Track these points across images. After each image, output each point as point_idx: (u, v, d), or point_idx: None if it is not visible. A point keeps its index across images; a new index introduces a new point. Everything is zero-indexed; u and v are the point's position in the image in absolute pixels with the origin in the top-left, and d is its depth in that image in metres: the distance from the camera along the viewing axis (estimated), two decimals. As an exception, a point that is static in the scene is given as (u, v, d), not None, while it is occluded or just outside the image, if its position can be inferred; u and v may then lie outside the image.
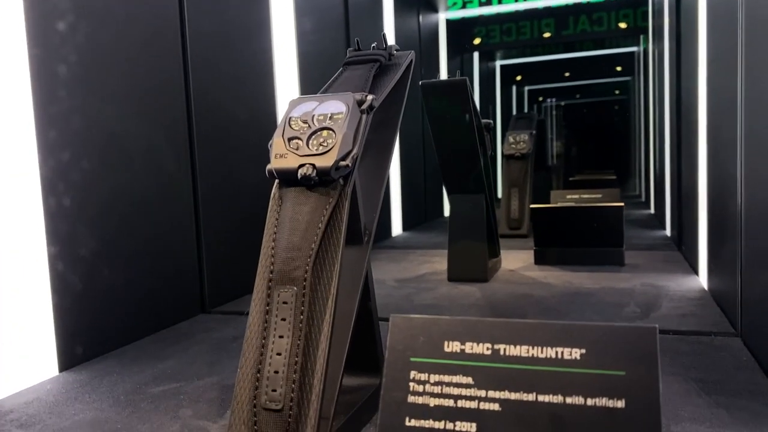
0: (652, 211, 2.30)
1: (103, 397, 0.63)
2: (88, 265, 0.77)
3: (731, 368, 0.63)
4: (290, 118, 0.53)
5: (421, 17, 2.23)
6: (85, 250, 0.76)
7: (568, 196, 1.60)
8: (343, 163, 0.49)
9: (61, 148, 0.73)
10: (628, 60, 3.67)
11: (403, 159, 1.99)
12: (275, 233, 0.50)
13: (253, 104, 1.14)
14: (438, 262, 1.33)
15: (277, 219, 0.51)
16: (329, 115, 0.52)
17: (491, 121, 1.15)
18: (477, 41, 2.82)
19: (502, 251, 1.27)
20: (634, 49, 3.43)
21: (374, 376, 0.60)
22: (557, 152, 2.97)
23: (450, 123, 1.03)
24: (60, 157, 0.73)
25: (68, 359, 0.73)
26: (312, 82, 1.30)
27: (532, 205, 1.26)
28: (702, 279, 1.04)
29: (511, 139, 1.75)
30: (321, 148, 0.50)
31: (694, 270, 1.12)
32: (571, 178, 2.54)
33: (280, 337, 0.47)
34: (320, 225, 0.49)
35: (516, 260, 1.31)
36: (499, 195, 2.26)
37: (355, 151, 0.50)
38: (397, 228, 1.91)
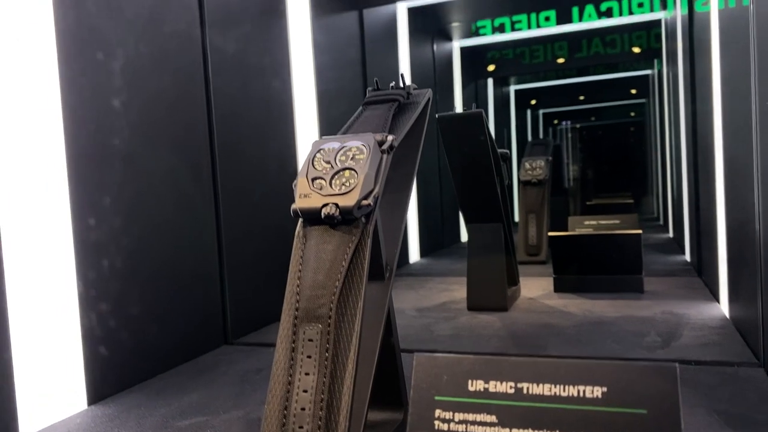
0: (671, 234, 2.29)
1: (132, 432, 0.64)
2: (116, 300, 0.79)
3: (756, 400, 0.63)
4: (313, 158, 0.55)
5: (435, 46, 2.27)
6: (112, 284, 0.78)
7: (586, 222, 1.61)
8: (365, 202, 0.51)
9: (93, 190, 0.76)
10: (642, 83, 3.67)
11: (420, 186, 2.00)
12: (300, 271, 0.52)
13: (273, 142, 1.16)
14: (457, 290, 1.33)
15: (301, 257, 0.52)
16: (351, 156, 0.54)
17: (507, 151, 1.16)
18: (491, 68, 2.85)
19: (521, 278, 1.27)
20: (648, 72, 3.44)
21: (397, 410, 0.61)
22: (573, 176, 2.97)
23: (467, 154, 1.04)
24: (90, 196, 0.75)
25: (97, 393, 0.75)
26: (331, 120, 1.33)
27: (551, 233, 1.26)
28: (723, 307, 1.04)
29: (527, 165, 1.76)
30: (344, 188, 0.52)
31: (715, 297, 1.11)
32: (588, 203, 2.53)
33: (306, 374, 0.48)
34: (344, 263, 0.50)
35: (535, 288, 1.31)
36: (516, 219, 2.27)
37: (376, 190, 0.52)
38: (414, 255, 1.92)
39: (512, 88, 3.70)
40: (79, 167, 0.74)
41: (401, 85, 0.67)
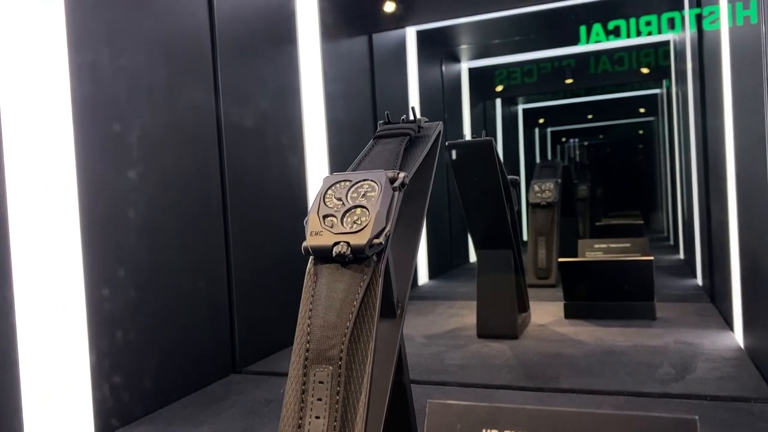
0: (682, 256, 2.27)
1: (140, 468, 0.63)
2: (125, 329, 0.78)
3: (773, 440, 0.62)
4: (324, 194, 0.55)
5: (444, 68, 2.27)
6: (122, 313, 0.78)
7: (596, 246, 1.60)
8: (376, 241, 0.50)
9: (101, 220, 0.76)
10: (651, 101, 3.67)
11: (428, 207, 2.00)
12: (311, 310, 0.51)
13: (283, 169, 1.16)
14: (466, 315, 1.32)
15: (312, 296, 0.52)
16: (363, 193, 0.54)
17: (517, 177, 1.16)
18: (499, 88, 2.86)
19: (531, 302, 1.26)
20: (657, 91, 3.43)
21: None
22: (582, 195, 2.95)
23: (477, 182, 1.04)
24: (99, 224, 0.76)
25: (104, 426, 0.74)
26: (340, 150, 1.33)
27: (561, 259, 1.26)
28: (738, 336, 1.02)
29: (536, 188, 1.76)
30: (355, 226, 0.51)
31: (729, 325, 1.10)
32: (597, 223, 2.52)
33: (317, 417, 0.48)
34: (355, 303, 0.50)
35: (545, 314, 1.30)
36: (525, 238, 2.26)
37: (388, 228, 0.51)
38: (423, 277, 1.91)
39: (520, 107, 3.70)
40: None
41: (412, 117, 0.67)
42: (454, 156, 1.03)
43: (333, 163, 1.30)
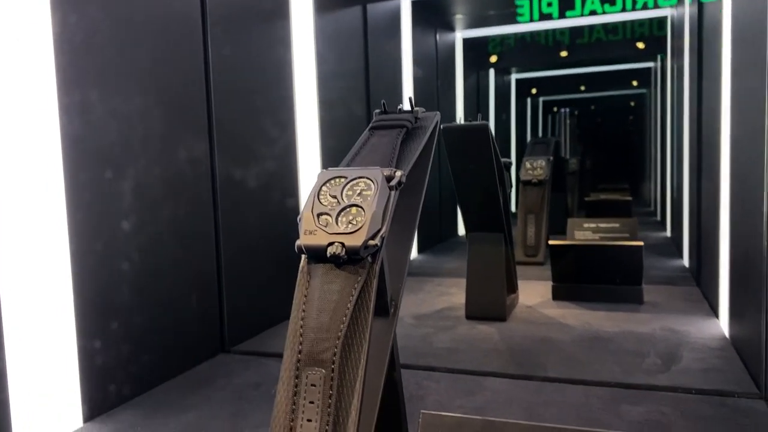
0: (669, 234, 2.29)
1: (129, 456, 0.63)
2: (113, 311, 0.78)
3: (756, 439, 0.63)
4: (319, 191, 0.54)
5: (438, 37, 2.23)
6: (109, 292, 0.77)
7: (586, 225, 1.60)
8: (371, 242, 0.50)
9: (89, 203, 0.74)
10: (644, 74, 3.65)
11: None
12: (304, 311, 0.51)
13: (274, 146, 1.14)
14: (455, 294, 1.33)
15: (305, 296, 0.51)
16: (358, 191, 0.53)
17: (510, 160, 1.15)
18: (493, 59, 2.82)
19: (519, 281, 1.26)
20: (650, 64, 3.41)
21: (398, 444, 0.60)
22: (572, 169, 2.95)
23: (470, 165, 1.03)
24: (87, 206, 0.74)
25: (93, 408, 0.74)
26: (332, 125, 1.31)
27: (551, 242, 1.26)
28: (723, 323, 1.03)
29: (528, 165, 1.75)
30: (350, 226, 0.50)
31: (714, 311, 1.11)
32: (587, 198, 2.52)
33: (309, 420, 0.47)
34: (348, 305, 0.49)
35: (533, 294, 1.31)
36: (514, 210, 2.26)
37: (383, 230, 0.50)
38: (413, 251, 1.91)
39: (513, 77, 3.67)
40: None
41: (408, 107, 0.65)
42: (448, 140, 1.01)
43: (324, 135, 1.29)
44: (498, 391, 0.78)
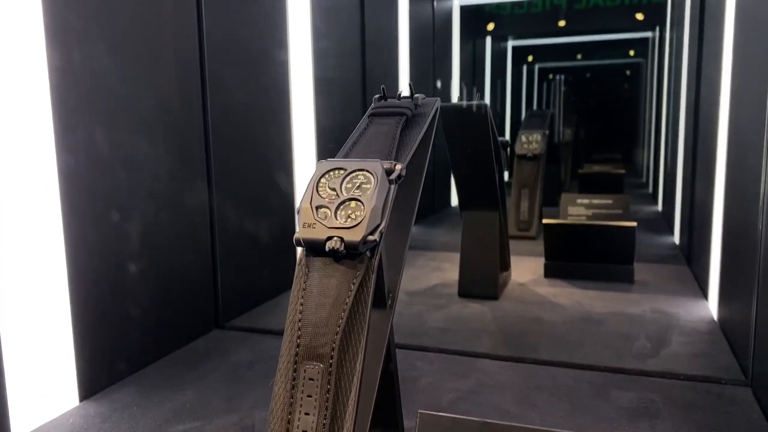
0: (660, 208, 2.30)
1: (126, 438, 0.64)
2: (107, 288, 0.77)
3: (741, 430, 0.64)
4: (318, 183, 0.53)
5: (435, 3, 2.20)
6: (102, 268, 0.77)
7: (579, 201, 1.60)
8: (371, 237, 0.49)
9: (81, 175, 0.73)
10: (642, 44, 3.62)
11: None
12: (302, 304, 0.51)
13: (268, 117, 1.13)
14: (448, 270, 1.33)
15: (303, 289, 0.51)
16: (358, 185, 0.52)
17: (507, 140, 1.14)
18: (490, 27, 2.78)
19: (511, 256, 1.27)
20: (648, 34, 3.38)
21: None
22: (566, 140, 2.95)
23: (467, 145, 1.02)
24: (79, 185, 0.73)
25: (88, 387, 0.74)
26: (328, 92, 1.29)
27: (545, 220, 1.26)
28: (712, 305, 1.05)
29: (523, 139, 1.74)
30: (349, 220, 0.50)
31: (704, 293, 1.13)
32: (580, 171, 2.53)
33: (306, 414, 0.48)
34: (347, 300, 0.49)
35: (525, 271, 1.32)
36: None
37: (383, 225, 0.50)
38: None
39: (509, 44, 3.63)
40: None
41: (408, 93, 0.64)
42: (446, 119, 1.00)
43: (319, 108, 1.27)
44: (490, 374, 0.79)
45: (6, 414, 0.65)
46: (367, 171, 0.53)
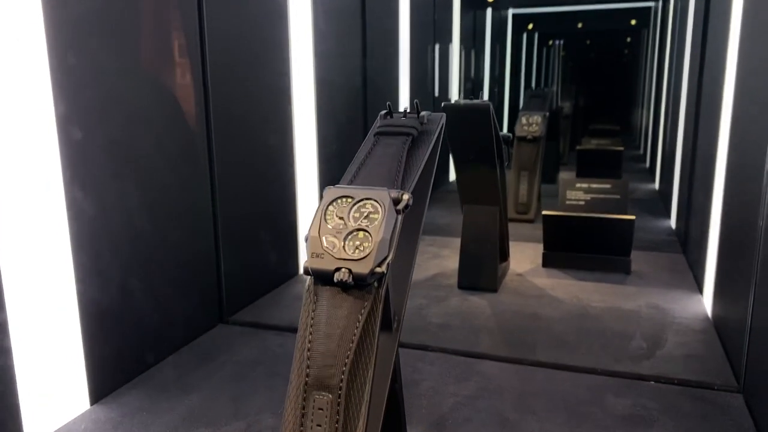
0: (657, 186, 2.31)
1: (137, 446, 0.66)
2: (112, 283, 0.78)
3: (733, 441, 0.67)
4: (326, 211, 0.54)
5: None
6: (107, 267, 0.78)
7: (578, 185, 1.61)
8: (378, 270, 0.51)
9: (85, 174, 0.74)
10: (644, 14, 3.57)
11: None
12: (311, 333, 0.52)
13: (265, 87, 1.12)
14: (447, 257, 1.35)
15: (312, 318, 0.52)
16: (366, 214, 0.53)
17: (509, 135, 1.14)
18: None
19: (510, 241, 1.28)
20: (651, 3, 3.33)
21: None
22: (565, 113, 2.94)
23: (469, 143, 1.02)
24: (82, 184, 0.73)
25: (98, 390, 0.76)
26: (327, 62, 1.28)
27: (544, 212, 1.27)
28: (707, 301, 1.06)
29: (524, 120, 1.74)
30: (357, 252, 0.51)
31: (699, 287, 1.14)
32: (578, 147, 2.52)
33: (316, 441, 0.50)
34: (355, 332, 0.51)
35: (524, 259, 1.33)
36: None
37: (390, 257, 0.51)
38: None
39: (510, 12, 3.58)
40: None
41: (414, 111, 0.64)
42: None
43: (320, 103, 1.26)
44: (490, 377, 0.81)
45: (19, 421, 0.66)
46: (375, 201, 0.53)
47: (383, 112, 0.64)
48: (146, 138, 0.83)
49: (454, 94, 2.58)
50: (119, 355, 0.80)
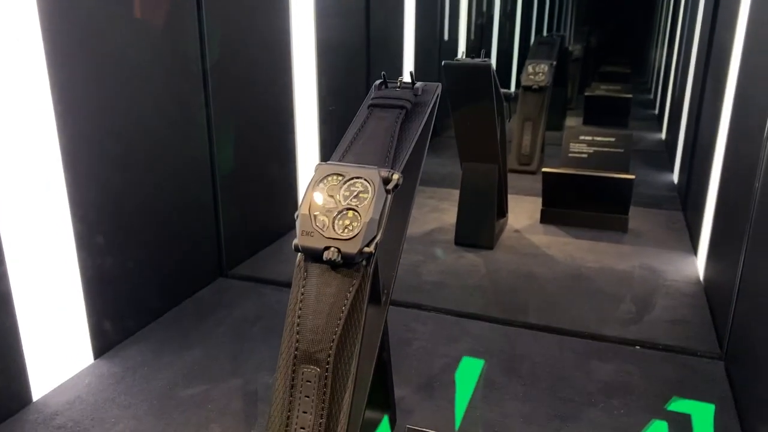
0: (663, 136, 2.28)
1: (138, 401, 0.69)
2: (111, 238, 0.80)
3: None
4: (316, 188, 0.55)
5: None
6: (106, 221, 0.79)
7: (581, 138, 1.59)
8: (367, 249, 0.52)
9: (81, 128, 0.74)
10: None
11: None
12: (300, 309, 0.54)
13: (268, 58, 1.11)
14: (446, 211, 1.36)
15: (302, 294, 0.54)
16: (355, 193, 0.54)
17: (511, 92, 1.13)
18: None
19: (510, 194, 1.28)
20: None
21: (383, 411, 0.66)
22: (576, 56, 2.87)
23: (470, 102, 1.01)
24: (79, 139, 0.74)
25: (101, 344, 0.79)
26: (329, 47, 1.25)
27: (544, 169, 1.27)
28: (700, 263, 1.08)
29: (530, 69, 1.71)
30: (347, 231, 0.52)
31: (694, 247, 1.15)
32: (586, 93, 2.48)
33: (304, 412, 0.52)
34: (343, 309, 0.52)
35: (522, 215, 1.34)
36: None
37: (378, 237, 0.52)
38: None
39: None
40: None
41: (409, 80, 0.64)
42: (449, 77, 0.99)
43: (320, 60, 1.24)
44: (479, 338, 0.84)
45: (25, 376, 0.69)
46: (365, 180, 0.54)
47: (378, 81, 0.64)
48: (144, 95, 0.83)
49: (463, 36, 2.52)
50: (121, 310, 0.82)
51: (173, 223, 0.91)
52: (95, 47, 0.74)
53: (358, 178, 0.54)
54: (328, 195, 0.54)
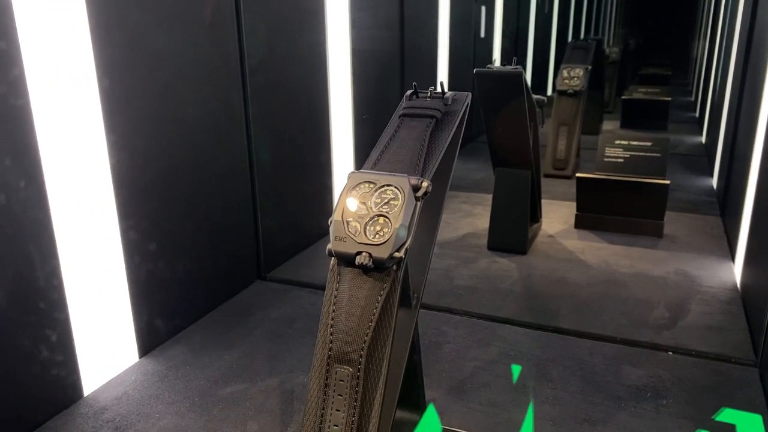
0: (703, 139, 2.24)
1: (180, 398, 0.73)
2: (157, 240, 0.83)
3: (741, 415, 0.69)
4: (349, 195, 0.57)
5: None
6: (154, 230, 0.83)
7: (617, 142, 1.59)
8: (397, 254, 0.54)
9: (128, 136, 0.78)
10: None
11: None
12: (334, 311, 0.56)
13: (305, 64, 1.14)
14: (479, 216, 1.37)
15: (335, 296, 0.56)
16: (386, 200, 0.56)
17: (544, 98, 1.13)
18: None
19: (544, 198, 1.29)
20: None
21: (416, 412, 0.68)
22: (613, 59, 2.84)
23: (502, 109, 1.02)
24: (127, 145, 0.78)
25: (146, 344, 0.83)
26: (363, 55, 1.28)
27: (578, 174, 1.27)
28: (737, 269, 1.06)
29: (565, 74, 1.71)
30: (378, 237, 0.55)
31: (731, 253, 1.14)
32: (623, 96, 2.46)
33: (337, 410, 0.55)
34: (375, 311, 0.54)
35: (556, 219, 1.34)
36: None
37: (408, 243, 0.54)
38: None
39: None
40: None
41: (439, 90, 0.66)
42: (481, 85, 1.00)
43: (355, 57, 1.27)
44: (511, 342, 0.85)
45: (77, 372, 0.73)
46: (395, 187, 0.56)
47: (409, 92, 0.66)
48: (188, 105, 0.87)
49: (498, 35, 2.52)
50: (165, 311, 0.86)
51: (215, 224, 0.95)
52: (142, 56, 0.78)
53: (388, 185, 0.56)
54: (360, 202, 0.56)
